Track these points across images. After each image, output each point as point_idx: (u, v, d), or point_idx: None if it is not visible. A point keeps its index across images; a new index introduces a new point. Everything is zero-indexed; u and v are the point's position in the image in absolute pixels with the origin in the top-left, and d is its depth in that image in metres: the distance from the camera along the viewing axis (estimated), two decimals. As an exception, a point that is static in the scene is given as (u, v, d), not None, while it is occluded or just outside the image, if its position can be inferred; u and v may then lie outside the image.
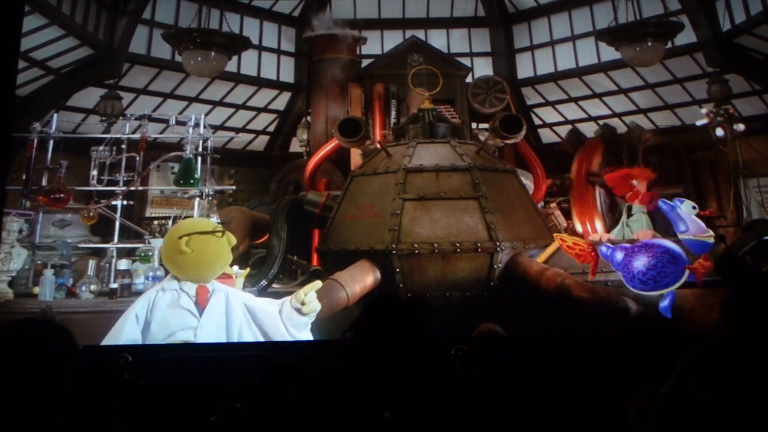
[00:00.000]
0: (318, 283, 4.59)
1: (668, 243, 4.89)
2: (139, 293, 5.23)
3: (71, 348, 1.92)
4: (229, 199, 7.61)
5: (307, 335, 4.47)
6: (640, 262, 4.81)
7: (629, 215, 6.39)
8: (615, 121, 8.51)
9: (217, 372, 3.92)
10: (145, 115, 6.24)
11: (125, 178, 5.95)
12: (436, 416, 2.00)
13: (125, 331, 4.20)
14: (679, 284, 4.73)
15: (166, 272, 5.36)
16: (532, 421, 3.83)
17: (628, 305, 5.07)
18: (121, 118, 6.65)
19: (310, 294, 4.43)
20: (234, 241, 4.60)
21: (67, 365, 1.87)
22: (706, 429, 1.90)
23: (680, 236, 4.83)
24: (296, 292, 4.47)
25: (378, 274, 5.32)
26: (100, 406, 1.94)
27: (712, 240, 4.77)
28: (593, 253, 5.11)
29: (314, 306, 4.44)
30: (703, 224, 4.85)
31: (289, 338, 4.39)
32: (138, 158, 6.05)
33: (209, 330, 4.29)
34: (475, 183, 5.56)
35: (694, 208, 4.82)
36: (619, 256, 4.88)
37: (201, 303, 4.33)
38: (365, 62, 8.70)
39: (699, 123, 7.81)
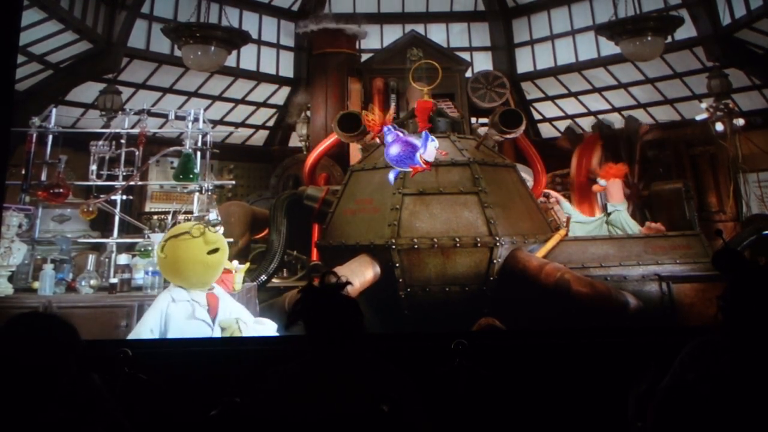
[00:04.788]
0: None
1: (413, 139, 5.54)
2: (138, 288, 5.23)
3: (74, 343, 1.91)
4: (228, 193, 7.61)
5: None
6: (395, 149, 5.51)
7: (608, 214, 6.41)
8: (614, 116, 8.50)
9: (217, 366, 3.93)
10: (145, 110, 6.23)
11: (124, 173, 5.94)
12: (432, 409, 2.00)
13: None
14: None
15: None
16: (531, 416, 3.85)
17: (628, 300, 5.10)
18: (120, 112, 6.63)
19: None
20: (214, 240, 4.52)
21: (70, 360, 1.87)
22: (705, 423, 1.91)
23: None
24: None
25: (378, 269, 5.33)
26: (102, 402, 1.94)
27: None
28: (378, 126, 5.80)
29: None
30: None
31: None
32: (137, 153, 6.04)
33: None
34: (475, 178, 5.56)
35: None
36: (389, 138, 5.58)
37: (212, 312, 4.34)
38: (365, 57, 8.69)
39: (699, 118, 7.79)
